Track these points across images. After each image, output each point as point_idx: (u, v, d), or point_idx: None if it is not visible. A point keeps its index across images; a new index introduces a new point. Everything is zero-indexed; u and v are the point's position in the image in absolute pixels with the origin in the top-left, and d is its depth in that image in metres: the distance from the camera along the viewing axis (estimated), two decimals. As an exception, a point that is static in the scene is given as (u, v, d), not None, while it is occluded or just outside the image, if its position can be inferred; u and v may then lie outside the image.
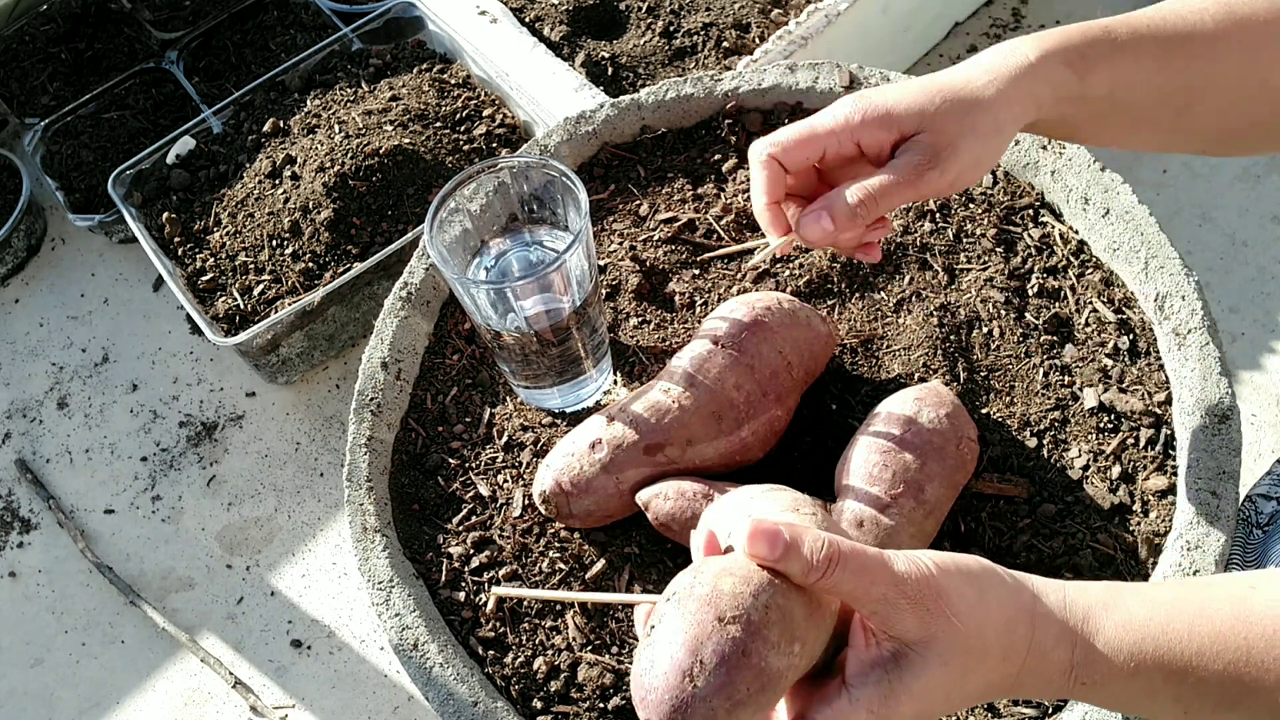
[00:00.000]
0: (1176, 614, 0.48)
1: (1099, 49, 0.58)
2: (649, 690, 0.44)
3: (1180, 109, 0.60)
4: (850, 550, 0.44)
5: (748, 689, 0.43)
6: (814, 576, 0.44)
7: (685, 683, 0.43)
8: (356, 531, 0.68)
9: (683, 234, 0.81)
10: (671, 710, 0.43)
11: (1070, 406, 0.69)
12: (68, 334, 1.37)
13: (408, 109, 1.24)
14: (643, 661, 0.45)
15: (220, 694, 1.10)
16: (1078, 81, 0.57)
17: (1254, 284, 1.23)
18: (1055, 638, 0.46)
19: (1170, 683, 0.46)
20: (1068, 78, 0.57)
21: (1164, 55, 0.58)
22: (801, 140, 0.59)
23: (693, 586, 0.45)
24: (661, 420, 0.65)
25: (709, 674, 0.43)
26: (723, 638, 0.43)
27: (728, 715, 0.43)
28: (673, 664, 0.43)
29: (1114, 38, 0.58)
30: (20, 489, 1.26)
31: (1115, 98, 0.59)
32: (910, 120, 0.57)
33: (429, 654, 0.63)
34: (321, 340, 1.22)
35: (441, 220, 0.66)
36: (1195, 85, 0.59)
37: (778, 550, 0.44)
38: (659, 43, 1.24)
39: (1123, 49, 0.58)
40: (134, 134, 1.39)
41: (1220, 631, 0.47)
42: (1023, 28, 1.47)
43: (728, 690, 0.43)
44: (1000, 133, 0.57)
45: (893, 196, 0.57)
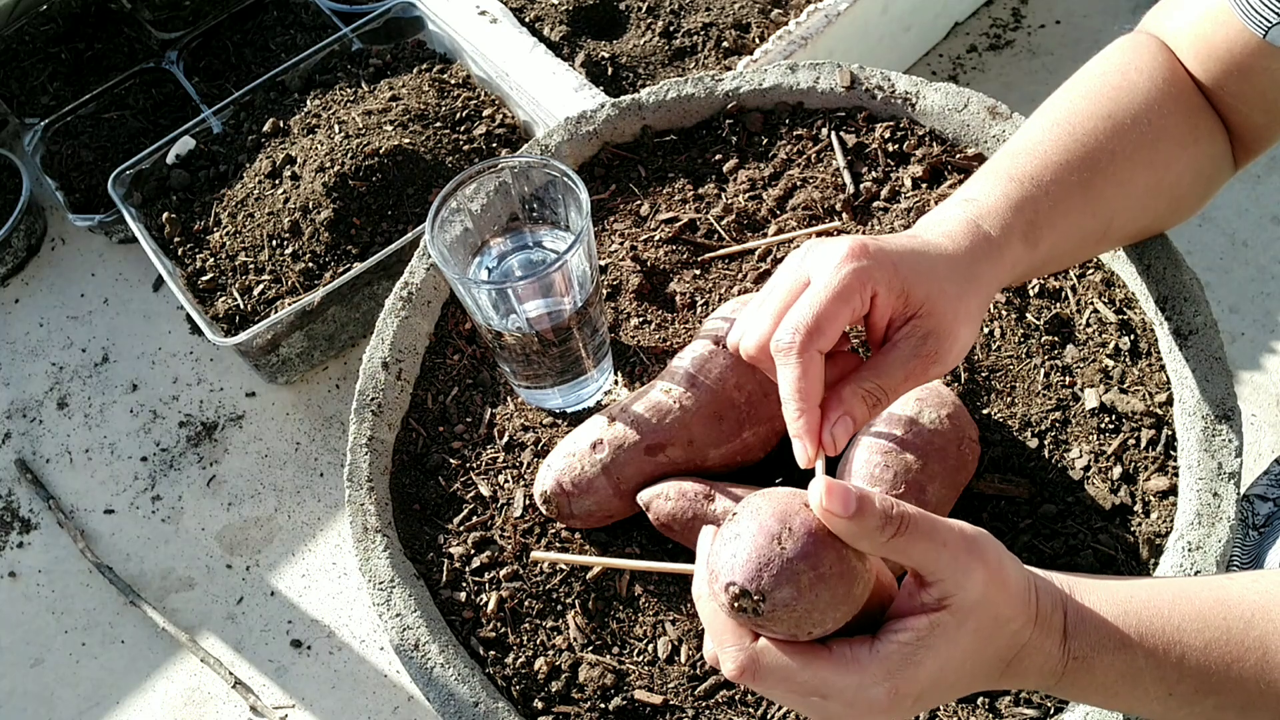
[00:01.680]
0: (1157, 593, 0.49)
1: (1043, 215, 0.59)
2: (734, 554, 0.43)
3: (1101, 235, 0.63)
4: (918, 512, 0.43)
5: (830, 566, 0.42)
6: (888, 533, 0.42)
7: (773, 545, 0.42)
8: (357, 531, 0.68)
9: (684, 234, 0.81)
10: (757, 567, 0.42)
11: (1071, 407, 0.69)
12: (68, 334, 1.37)
13: (408, 109, 1.24)
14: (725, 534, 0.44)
15: (220, 694, 1.10)
16: (1030, 252, 0.59)
17: (1254, 284, 1.23)
18: (1051, 605, 0.47)
19: (1153, 660, 0.47)
20: (1024, 252, 0.58)
21: (1086, 194, 0.60)
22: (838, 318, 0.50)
23: (773, 489, 0.45)
24: (663, 420, 0.65)
25: (796, 540, 0.42)
26: (809, 516, 0.43)
27: (810, 588, 0.42)
28: (761, 529, 0.43)
29: (1053, 198, 0.59)
30: (20, 489, 1.26)
31: (1055, 250, 0.61)
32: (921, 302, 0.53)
33: (430, 654, 0.63)
34: (321, 340, 1.22)
35: (442, 220, 0.66)
36: (1111, 209, 0.62)
37: (851, 506, 0.42)
38: (659, 43, 1.24)
39: (1058, 206, 0.59)
40: (134, 134, 1.39)
41: (1200, 611, 0.48)
42: (1023, 28, 1.47)
43: (814, 559, 0.42)
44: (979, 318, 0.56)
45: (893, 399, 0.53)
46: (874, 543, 0.42)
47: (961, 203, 0.59)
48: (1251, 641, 0.47)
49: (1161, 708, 0.48)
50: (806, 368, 0.50)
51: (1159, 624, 0.47)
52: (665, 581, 0.67)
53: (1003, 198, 0.58)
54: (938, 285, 0.53)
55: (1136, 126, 0.61)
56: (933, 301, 0.53)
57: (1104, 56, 0.66)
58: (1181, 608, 0.48)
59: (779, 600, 0.42)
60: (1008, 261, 0.57)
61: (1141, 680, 0.47)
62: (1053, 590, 0.48)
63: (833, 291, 0.50)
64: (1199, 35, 0.63)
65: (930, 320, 0.53)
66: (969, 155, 0.80)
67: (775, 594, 0.42)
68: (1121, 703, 0.49)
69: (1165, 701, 0.48)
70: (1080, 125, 0.61)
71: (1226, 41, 0.61)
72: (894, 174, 0.81)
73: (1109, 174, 0.61)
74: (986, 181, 0.60)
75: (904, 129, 0.82)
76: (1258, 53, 0.60)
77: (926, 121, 0.82)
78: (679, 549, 0.68)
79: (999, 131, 0.79)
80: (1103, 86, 0.63)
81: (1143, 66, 0.63)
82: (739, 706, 0.62)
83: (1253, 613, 0.48)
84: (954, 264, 0.55)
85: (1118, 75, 0.63)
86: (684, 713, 0.62)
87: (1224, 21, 0.61)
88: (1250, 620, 0.47)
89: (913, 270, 0.53)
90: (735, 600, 0.42)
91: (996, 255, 0.57)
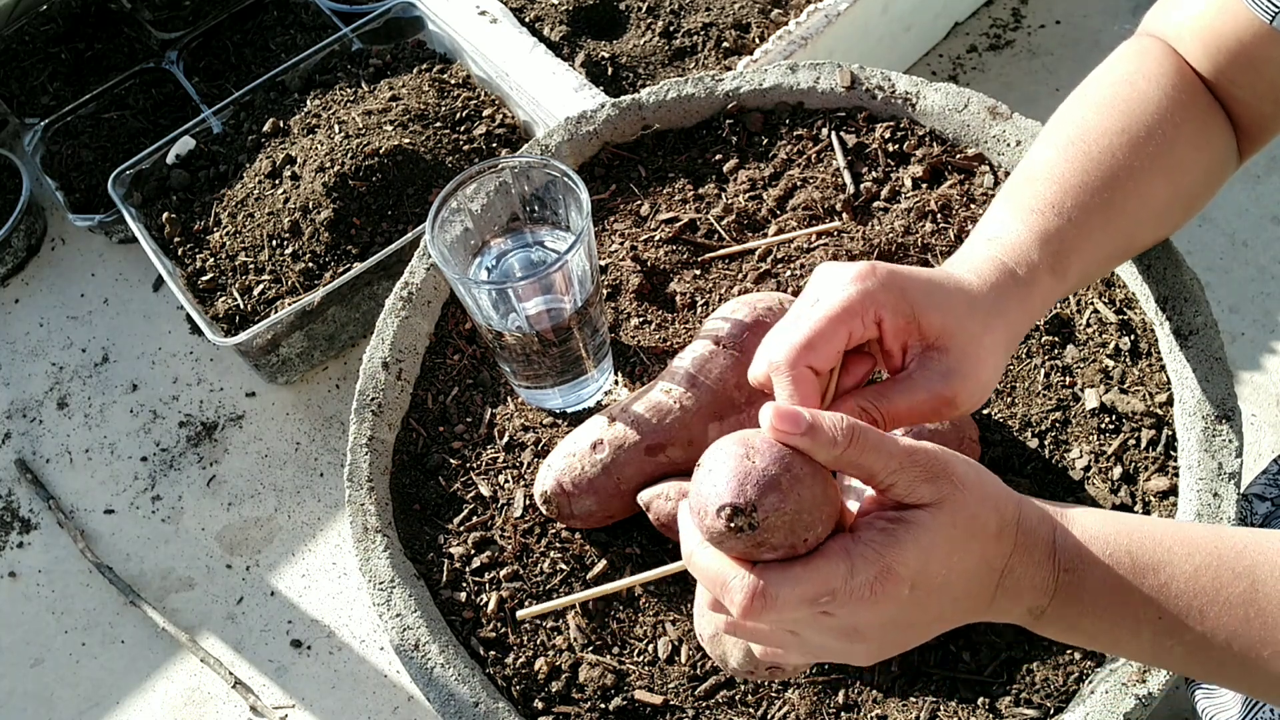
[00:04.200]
0: (1148, 520, 0.50)
1: (1069, 244, 0.58)
2: (714, 485, 0.45)
3: (1125, 251, 0.64)
4: (864, 426, 0.45)
5: (801, 467, 0.45)
6: (838, 449, 0.44)
7: (745, 461, 0.45)
8: (357, 531, 0.68)
9: (684, 234, 0.81)
10: (739, 483, 0.44)
11: (1071, 407, 0.69)
12: (68, 334, 1.37)
13: (408, 109, 1.24)
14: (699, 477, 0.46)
15: (220, 694, 1.10)
16: (1059, 284, 0.58)
17: (1254, 284, 1.23)
18: (1038, 519, 0.48)
19: (1144, 578, 0.47)
20: (1053, 285, 0.58)
21: (1107, 214, 0.59)
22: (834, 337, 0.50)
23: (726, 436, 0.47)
24: (663, 420, 0.65)
25: (763, 453, 0.45)
26: (767, 434, 0.46)
27: (791, 488, 0.44)
28: (728, 455, 0.45)
29: (1076, 225, 0.58)
30: (20, 489, 1.26)
31: (1081, 278, 0.60)
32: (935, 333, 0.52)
33: (430, 654, 0.63)
34: (321, 340, 1.22)
35: (443, 220, 0.66)
36: (1133, 225, 0.61)
37: (802, 426, 0.44)
38: (659, 43, 1.24)
39: (1082, 231, 0.59)
40: (134, 134, 1.39)
41: (1191, 538, 0.48)
42: (1023, 28, 1.47)
43: (785, 464, 0.44)
44: (1006, 355, 0.55)
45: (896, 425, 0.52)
46: (828, 454, 0.45)
47: (985, 242, 0.58)
48: (1241, 569, 0.47)
49: (1151, 636, 0.47)
50: (797, 383, 0.50)
51: (1149, 545, 0.48)
52: (665, 582, 0.67)
53: (1027, 232, 0.57)
54: (955, 318, 0.52)
55: (1152, 139, 0.60)
56: (950, 334, 0.52)
57: (1109, 66, 0.65)
58: (1173, 532, 0.48)
59: (769, 506, 0.44)
60: (1037, 299, 0.57)
61: (1131, 600, 0.47)
62: (1039, 509, 0.49)
63: (831, 309, 0.50)
64: (1205, 26, 0.62)
65: (949, 357, 0.52)
66: (969, 155, 0.80)
67: (763, 500, 0.44)
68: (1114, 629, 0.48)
69: (1155, 626, 0.47)
70: (1095, 143, 0.60)
71: (1234, 31, 0.60)
72: (894, 174, 0.81)
73: (1130, 191, 0.60)
74: (1007, 215, 0.59)
75: (904, 129, 0.82)
76: (1266, 41, 0.59)
77: (926, 121, 0.82)
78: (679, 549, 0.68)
79: (999, 131, 0.79)
80: (1113, 99, 0.62)
81: (1150, 73, 0.62)
82: (739, 706, 0.62)
83: (1244, 544, 0.48)
84: (976, 299, 0.54)
85: (1126, 85, 0.62)
86: (684, 713, 0.62)
87: (1231, 11, 0.60)
88: (1241, 551, 0.47)
89: (925, 297, 0.52)
90: (730, 520, 0.44)
91: (1025, 293, 0.56)
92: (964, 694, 0.61)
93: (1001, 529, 0.47)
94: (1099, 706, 0.58)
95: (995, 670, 0.62)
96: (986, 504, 0.46)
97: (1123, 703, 0.58)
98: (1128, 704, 0.58)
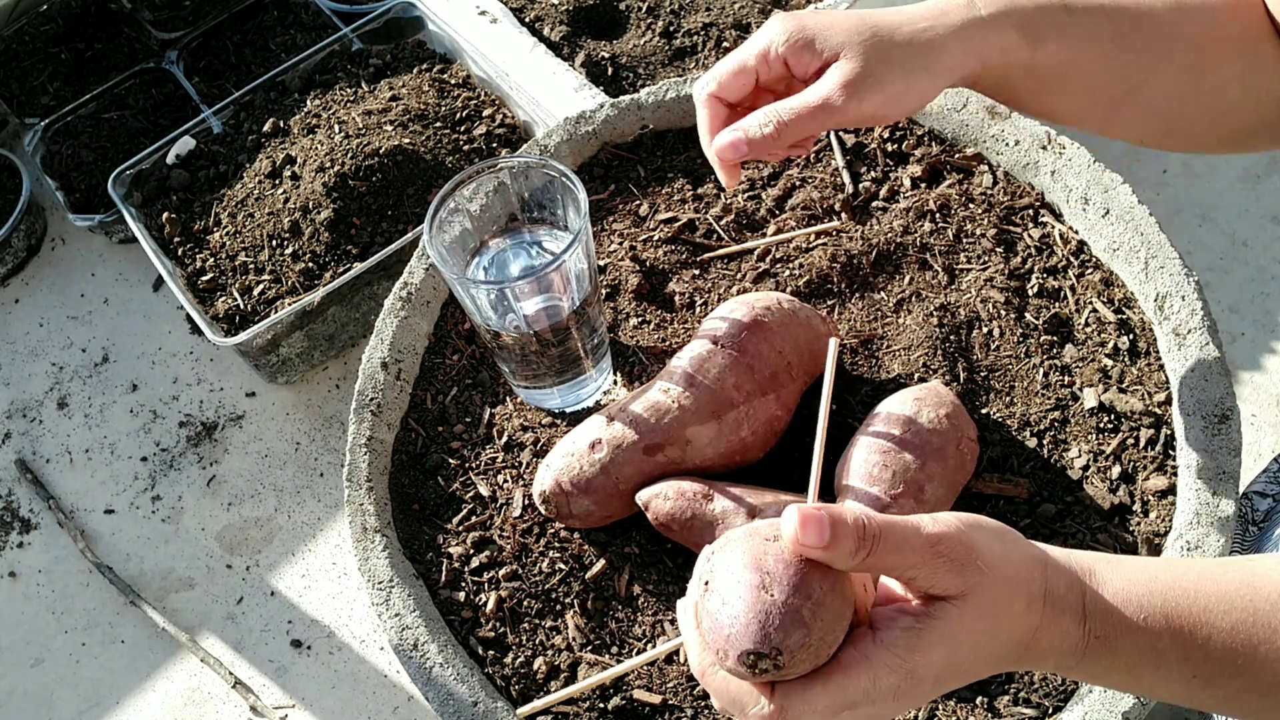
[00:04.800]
0: (1181, 574, 0.48)
1: (1054, 19, 0.57)
2: (731, 621, 0.42)
3: (1123, 94, 0.60)
4: (885, 525, 0.43)
5: (820, 586, 0.42)
6: (859, 558, 0.42)
7: (763, 595, 0.42)
8: (356, 531, 0.68)
9: (683, 234, 0.81)
10: (760, 625, 0.42)
11: (1070, 406, 0.69)
12: (68, 334, 1.37)
13: (408, 109, 1.24)
14: (711, 608, 0.44)
15: (220, 694, 1.10)
16: (1028, 48, 0.57)
17: (1254, 284, 1.23)
18: (1067, 585, 0.46)
19: (1178, 641, 0.46)
20: (1018, 42, 0.57)
21: (1116, 37, 0.58)
22: (734, 72, 0.59)
23: (729, 537, 0.45)
24: (661, 420, 0.65)
25: (780, 580, 0.42)
26: (780, 550, 0.43)
27: (812, 616, 0.42)
28: (744, 586, 0.43)
29: (1070, 9, 0.58)
30: (20, 489, 1.26)
31: (1063, 72, 0.59)
32: (833, 48, 0.56)
33: (429, 654, 0.63)
34: (321, 340, 1.22)
35: (441, 220, 0.66)
36: (1141, 73, 0.59)
37: (824, 539, 0.42)
38: (659, 43, 1.24)
39: (1077, 23, 0.58)
40: (134, 134, 1.39)
41: (1226, 592, 0.47)
42: (1023, 28, 1.47)
43: (805, 589, 0.42)
44: (929, 73, 0.56)
45: (806, 121, 0.56)
46: (849, 564, 0.43)
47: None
48: (1278, 623, 0.46)
49: (1184, 689, 0.47)
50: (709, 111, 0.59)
51: (1185, 604, 0.46)
52: (664, 581, 0.67)
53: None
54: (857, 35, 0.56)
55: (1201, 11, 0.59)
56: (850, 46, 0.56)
57: None
58: (1207, 588, 0.47)
59: (793, 645, 0.42)
60: (992, 39, 0.56)
61: (1165, 661, 0.46)
62: (1069, 571, 0.47)
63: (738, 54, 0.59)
64: None
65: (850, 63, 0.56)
66: (968, 155, 0.80)
67: (788, 641, 0.41)
68: (1144, 684, 0.48)
69: (1188, 683, 0.47)
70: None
71: None
72: (893, 174, 0.81)
73: (1150, 33, 0.59)
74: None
75: (903, 129, 0.82)
76: None
77: (925, 121, 0.82)
78: (678, 548, 0.68)
79: (998, 131, 0.79)
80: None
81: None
82: (738, 706, 0.62)
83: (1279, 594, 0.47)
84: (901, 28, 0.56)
85: None
86: (683, 712, 0.62)
87: None
88: (1276, 602, 0.46)
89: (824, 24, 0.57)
90: (755, 666, 0.42)
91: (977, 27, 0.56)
92: (962, 693, 0.61)
93: (1029, 605, 0.45)
94: (1097, 706, 0.58)
95: (994, 670, 0.62)
96: (1014, 584, 0.45)
97: (1121, 702, 0.58)
98: (1126, 703, 0.58)
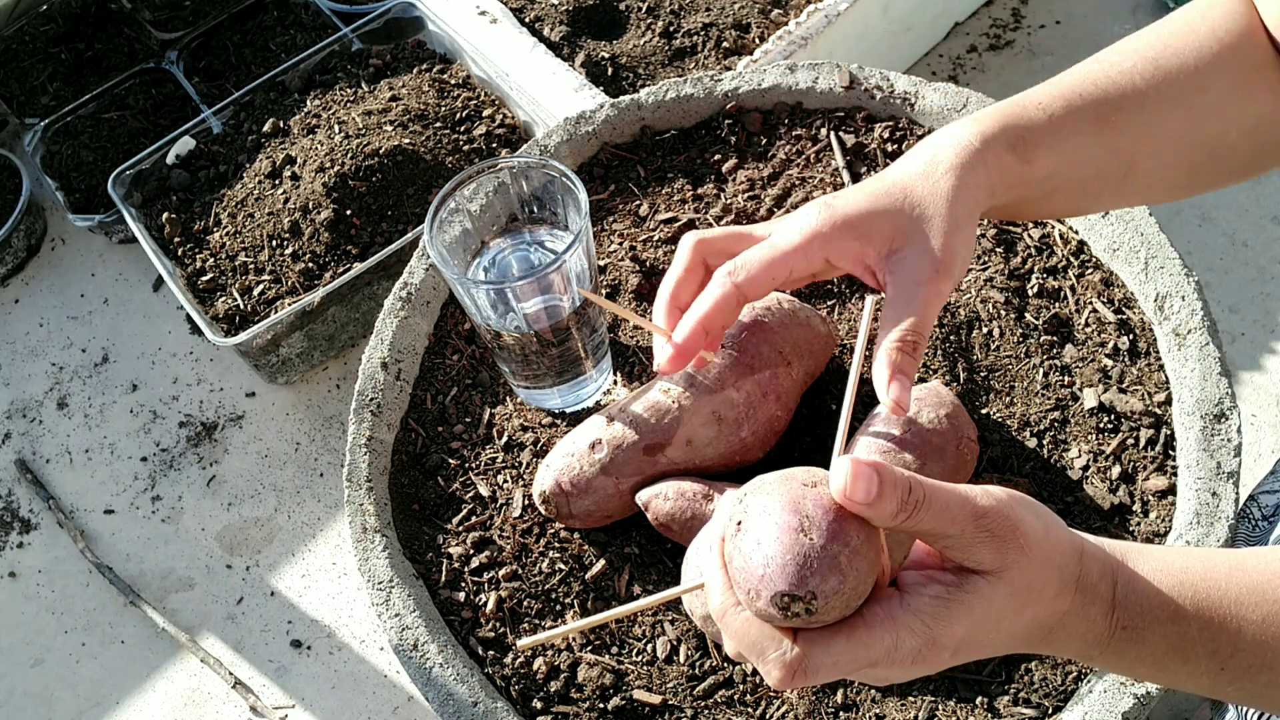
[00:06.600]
0: (1212, 565, 0.47)
1: (1039, 131, 0.57)
2: (766, 561, 0.42)
3: (1123, 175, 0.60)
4: (932, 489, 0.42)
5: (857, 536, 0.42)
6: (902, 517, 0.42)
7: (801, 538, 0.41)
8: (356, 532, 0.68)
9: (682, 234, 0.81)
10: (798, 568, 0.41)
11: (1070, 407, 0.69)
12: (68, 334, 1.37)
13: (408, 109, 1.24)
14: (744, 547, 0.43)
15: (220, 694, 1.10)
16: (1022, 167, 0.56)
17: (1254, 284, 1.23)
18: (1099, 573, 0.46)
19: (1207, 632, 0.46)
20: (1013, 163, 0.56)
21: (1100, 125, 0.58)
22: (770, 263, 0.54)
23: (761, 480, 0.45)
24: (661, 420, 0.65)
25: (819, 525, 0.42)
26: (818, 495, 0.43)
27: (849, 564, 0.41)
28: (781, 528, 0.42)
29: (1051, 115, 0.57)
30: (20, 489, 1.26)
31: (1059, 176, 0.58)
32: (883, 226, 0.54)
33: (429, 654, 0.63)
34: (321, 340, 1.22)
35: (441, 220, 0.66)
36: (1134, 149, 0.59)
37: (872, 493, 0.41)
38: (659, 43, 1.24)
39: (1061, 127, 0.57)
40: (134, 134, 1.39)
41: (1257, 584, 0.46)
42: (1023, 28, 1.47)
43: (843, 537, 0.41)
44: (972, 220, 0.55)
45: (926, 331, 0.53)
46: (891, 522, 0.42)
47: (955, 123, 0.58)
48: None
49: (1211, 682, 0.47)
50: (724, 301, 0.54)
51: (1215, 596, 0.46)
52: (664, 581, 0.67)
53: (994, 113, 0.57)
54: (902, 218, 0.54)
55: (1182, 72, 0.58)
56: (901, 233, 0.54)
57: (1179, 12, 0.62)
58: (1238, 579, 0.46)
59: (829, 591, 0.41)
60: (992, 168, 0.55)
61: (1194, 654, 0.46)
62: (1102, 558, 0.46)
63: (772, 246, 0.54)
64: None
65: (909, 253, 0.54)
66: (968, 155, 0.80)
67: (824, 586, 0.41)
68: (1170, 676, 0.47)
69: (1216, 676, 0.46)
70: (1117, 64, 0.59)
71: None
72: (893, 174, 0.81)
73: (1134, 111, 0.58)
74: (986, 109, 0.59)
75: (903, 129, 0.82)
76: None
77: (926, 121, 0.82)
78: (678, 549, 0.68)
79: (998, 131, 0.79)
80: (1160, 35, 0.60)
81: (1210, 17, 0.60)
82: (738, 706, 0.62)
83: None
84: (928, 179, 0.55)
85: (1182, 23, 0.60)
86: (683, 712, 0.62)
87: None
88: None
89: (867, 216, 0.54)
90: (788, 609, 0.41)
91: (978, 162, 0.55)
92: (962, 693, 0.61)
93: (1062, 589, 0.45)
94: (1097, 706, 0.58)
95: (994, 670, 0.62)
96: (1049, 567, 0.44)
97: (1121, 702, 0.58)
98: (1126, 703, 0.58)
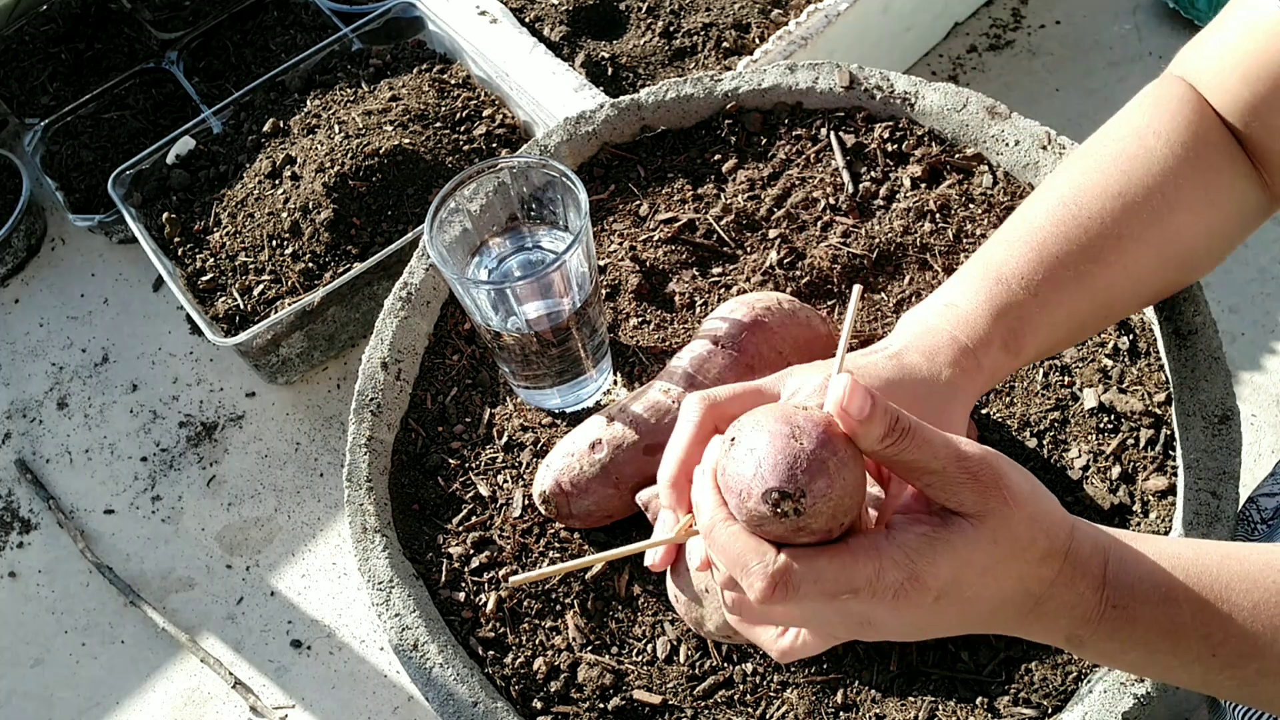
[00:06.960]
0: (1204, 552, 0.48)
1: (1028, 319, 0.57)
2: (758, 464, 0.43)
3: (1102, 317, 0.62)
4: (917, 424, 0.43)
5: (845, 450, 0.43)
6: (888, 441, 0.43)
7: (792, 442, 0.43)
8: (356, 531, 0.68)
9: (683, 234, 0.81)
10: (789, 466, 0.42)
11: (1070, 407, 0.69)
12: (68, 334, 1.37)
13: (408, 109, 1.24)
14: (737, 454, 0.44)
15: (220, 694, 1.10)
16: (1011, 359, 0.58)
17: (1254, 284, 1.23)
18: (1090, 550, 0.46)
19: (1200, 616, 0.46)
20: (1005, 360, 0.57)
21: (1081, 282, 0.59)
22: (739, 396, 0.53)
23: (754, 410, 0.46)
24: (661, 420, 0.65)
25: (810, 434, 0.43)
26: (811, 412, 0.44)
27: (838, 472, 0.43)
28: (774, 435, 0.43)
29: (1038, 294, 0.57)
30: (20, 489, 1.26)
31: (1044, 347, 0.59)
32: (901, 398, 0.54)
33: (429, 654, 0.63)
34: (321, 340, 1.22)
35: (441, 220, 0.66)
36: (1112, 291, 0.60)
37: (865, 410, 0.42)
38: (659, 43, 1.24)
39: (1047, 303, 0.58)
40: (134, 134, 1.39)
41: (1249, 572, 0.47)
42: (1023, 28, 1.47)
43: (832, 446, 0.43)
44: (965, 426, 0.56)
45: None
46: (877, 444, 0.43)
47: (942, 308, 0.58)
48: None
49: (1202, 670, 0.47)
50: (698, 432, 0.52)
51: (1207, 580, 0.46)
52: (664, 581, 0.67)
53: (985, 303, 0.57)
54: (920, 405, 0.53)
55: (1149, 202, 0.59)
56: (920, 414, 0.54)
57: (1124, 116, 0.63)
58: (1230, 566, 0.47)
59: (817, 491, 0.42)
60: (986, 371, 0.57)
61: (1186, 637, 0.46)
62: (1094, 535, 0.47)
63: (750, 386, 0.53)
64: (1243, 55, 0.59)
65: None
66: (968, 155, 0.80)
67: (812, 485, 0.42)
68: (1160, 663, 0.47)
69: (1208, 663, 0.46)
70: (1087, 207, 0.59)
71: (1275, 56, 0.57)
72: (893, 174, 0.81)
73: (1112, 261, 0.59)
74: (973, 281, 0.58)
75: (903, 129, 0.82)
76: None
77: (925, 121, 0.82)
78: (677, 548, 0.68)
79: (998, 131, 0.79)
80: (1117, 156, 0.60)
81: (1163, 129, 0.60)
82: (738, 706, 0.62)
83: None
84: (933, 388, 0.55)
85: (1135, 141, 0.61)
86: (683, 712, 0.62)
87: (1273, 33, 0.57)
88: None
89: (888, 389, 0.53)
90: (777, 506, 0.42)
91: (975, 369, 0.56)
92: (962, 693, 0.61)
93: (1048, 554, 0.45)
94: (1097, 706, 0.58)
95: (994, 670, 0.62)
96: (1036, 525, 0.45)
97: (1121, 702, 0.58)
98: (1126, 703, 0.58)
